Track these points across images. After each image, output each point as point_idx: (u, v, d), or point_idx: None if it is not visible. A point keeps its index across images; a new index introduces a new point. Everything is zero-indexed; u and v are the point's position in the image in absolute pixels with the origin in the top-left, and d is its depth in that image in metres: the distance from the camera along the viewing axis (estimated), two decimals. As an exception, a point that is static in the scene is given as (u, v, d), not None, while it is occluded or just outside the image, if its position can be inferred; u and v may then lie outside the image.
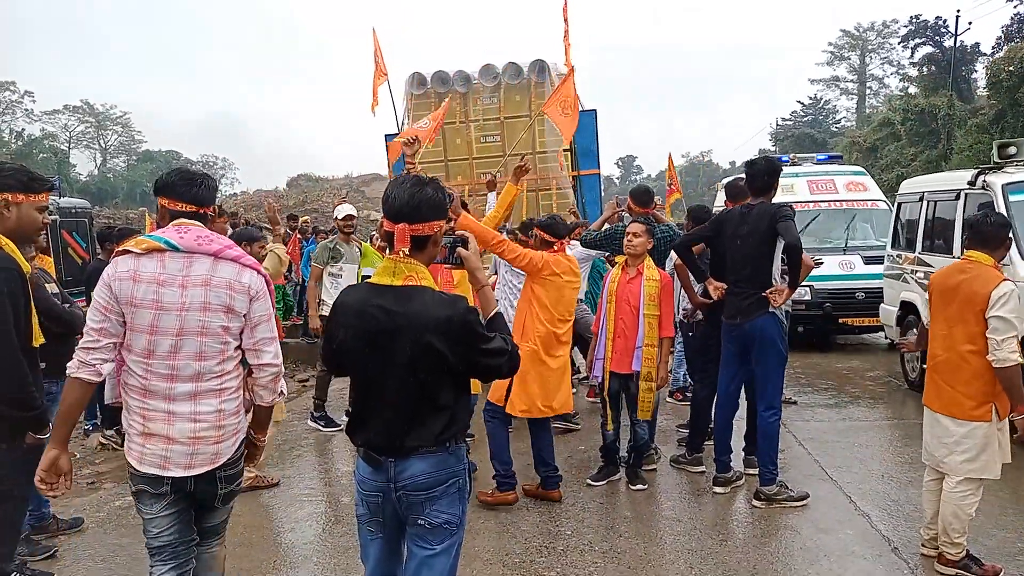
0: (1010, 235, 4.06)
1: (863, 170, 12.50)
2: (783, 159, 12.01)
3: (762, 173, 5.05)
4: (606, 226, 6.44)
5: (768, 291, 4.88)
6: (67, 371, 2.76)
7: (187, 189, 2.88)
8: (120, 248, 2.89)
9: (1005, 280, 3.82)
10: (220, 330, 2.77)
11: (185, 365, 2.75)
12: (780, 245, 4.84)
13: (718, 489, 5.30)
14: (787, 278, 4.88)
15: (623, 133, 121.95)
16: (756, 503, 5.02)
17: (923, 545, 4.26)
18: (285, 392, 3.10)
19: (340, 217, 7.21)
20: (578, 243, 6.35)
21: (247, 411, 2.99)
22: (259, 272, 2.91)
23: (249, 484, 5.49)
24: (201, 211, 2.90)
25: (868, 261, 10.17)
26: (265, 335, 2.88)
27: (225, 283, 2.78)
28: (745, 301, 4.99)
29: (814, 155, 12.80)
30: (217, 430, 2.80)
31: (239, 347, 2.88)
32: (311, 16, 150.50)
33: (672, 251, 5.92)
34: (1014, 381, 3.75)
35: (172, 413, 2.75)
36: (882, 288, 9.05)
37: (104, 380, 2.85)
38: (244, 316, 2.83)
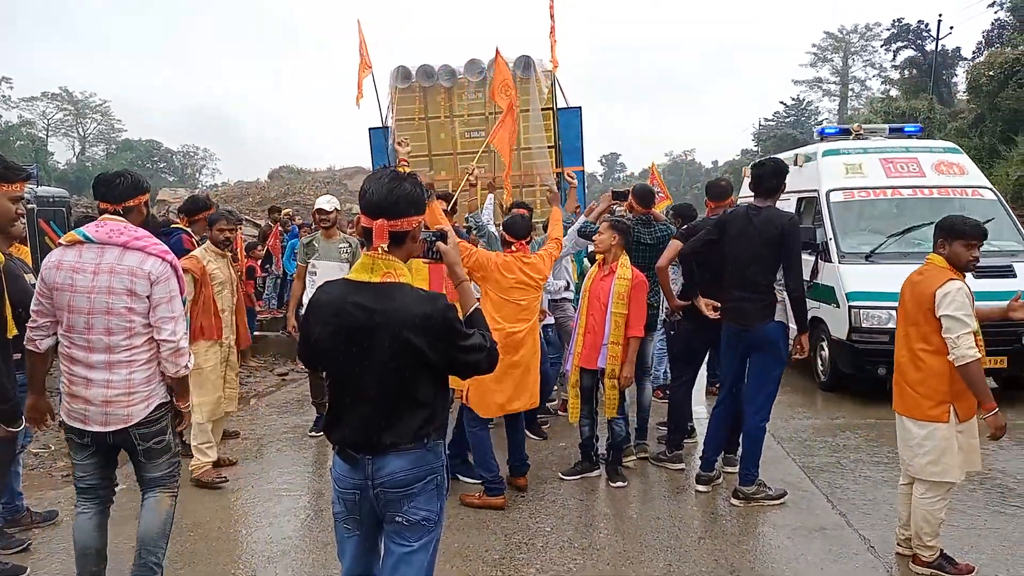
0: (939, 237, 4.03)
1: (957, 147, 9.61)
2: (845, 130, 9.82)
3: (769, 175, 4.99)
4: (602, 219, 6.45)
5: (794, 350, 5.01)
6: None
7: (104, 190, 3.39)
8: (58, 241, 3.42)
9: (951, 279, 3.86)
10: (124, 310, 3.26)
11: (97, 339, 3.26)
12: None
13: (701, 487, 5.30)
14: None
15: (607, 130, 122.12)
16: (735, 501, 5.05)
17: (898, 544, 4.29)
18: (190, 366, 3.52)
19: (315, 209, 6.85)
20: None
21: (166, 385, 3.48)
22: (165, 259, 3.35)
23: (203, 474, 5.51)
24: (117, 208, 3.37)
25: (982, 274, 6.80)
26: (164, 314, 3.34)
27: (128, 270, 3.27)
28: (751, 306, 4.95)
29: (885, 126, 10.28)
30: (127, 396, 3.30)
31: (148, 325, 3.33)
32: (295, 8, 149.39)
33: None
34: (976, 378, 3.77)
35: (89, 380, 3.28)
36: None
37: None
38: (148, 298, 3.29)
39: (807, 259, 7.99)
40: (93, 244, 3.29)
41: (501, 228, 5.33)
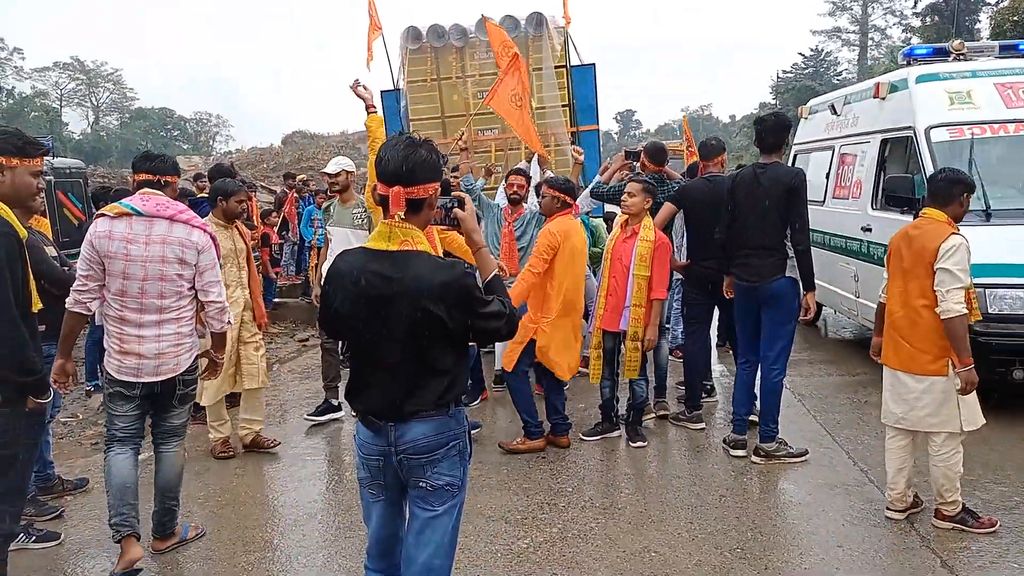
0: (963, 193, 4.02)
1: None
2: (939, 50, 7.62)
3: (770, 131, 4.99)
4: (615, 178, 6.40)
5: (803, 312, 5.03)
6: (65, 304, 3.71)
7: (150, 164, 3.86)
8: (98, 212, 3.81)
9: (954, 234, 3.86)
10: (175, 276, 3.73)
11: (150, 302, 3.70)
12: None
13: (739, 452, 5.18)
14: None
15: (622, 86, 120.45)
16: (755, 459, 5.06)
17: (888, 508, 4.23)
18: (232, 321, 4.17)
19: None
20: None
21: (201, 336, 4.03)
22: (205, 231, 3.84)
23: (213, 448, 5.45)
24: (158, 179, 3.84)
25: None
26: (210, 279, 3.86)
27: (178, 240, 3.72)
28: (761, 262, 4.97)
29: (994, 43, 8.07)
30: (176, 347, 3.78)
31: (192, 288, 3.83)
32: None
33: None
34: (958, 332, 3.82)
35: (142, 336, 3.70)
36: None
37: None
38: (194, 265, 3.78)
39: (902, 219, 5.94)
40: (141, 216, 3.69)
41: (556, 190, 5.28)
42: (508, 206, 6.34)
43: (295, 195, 12.69)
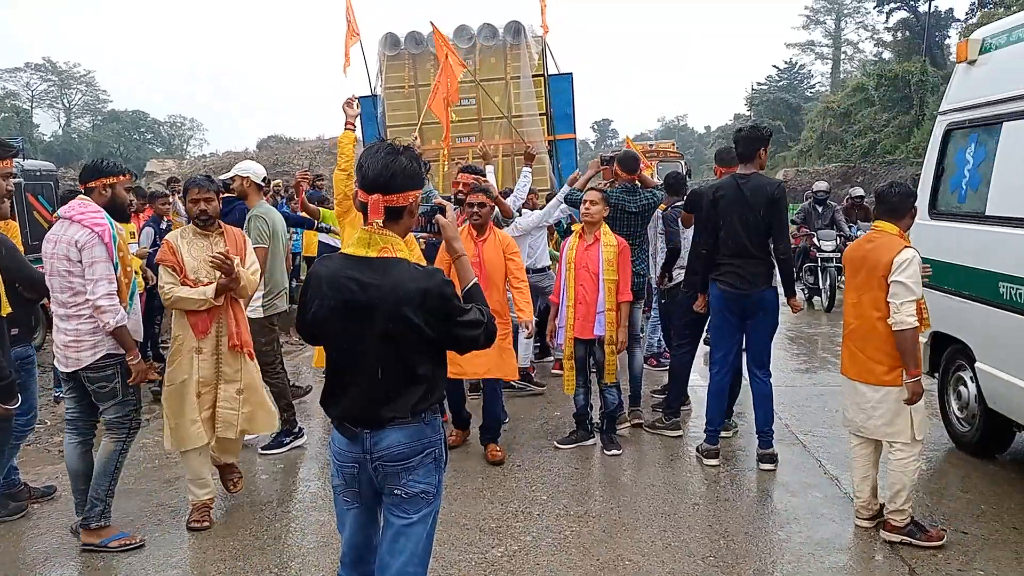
0: (914, 205, 4.17)
1: None
2: None
3: (743, 141, 5.13)
4: (592, 183, 6.44)
5: (791, 305, 5.29)
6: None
7: (80, 174, 4.23)
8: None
9: (907, 247, 3.95)
10: (65, 272, 3.94)
11: (55, 297, 4.02)
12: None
13: (712, 462, 5.23)
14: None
15: (599, 96, 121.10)
16: (766, 466, 5.11)
17: (856, 516, 4.30)
18: (112, 323, 3.96)
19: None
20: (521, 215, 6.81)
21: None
22: (93, 230, 3.92)
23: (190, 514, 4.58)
24: (83, 186, 4.15)
25: None
26: (88, 276, 3.93)
27: (67, 240, 3.93)
28: (752, 271, 5.06)
29: None
30: (76, 343, 3.97)
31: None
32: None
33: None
34: (909, 344, 3.90)
35: (57, 327, 4.04)
36: None
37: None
38: (79, 262, 3.90)
39: None
40: (60, 219, 4.04)
41: (496, 200, 5.38)
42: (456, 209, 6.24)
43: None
